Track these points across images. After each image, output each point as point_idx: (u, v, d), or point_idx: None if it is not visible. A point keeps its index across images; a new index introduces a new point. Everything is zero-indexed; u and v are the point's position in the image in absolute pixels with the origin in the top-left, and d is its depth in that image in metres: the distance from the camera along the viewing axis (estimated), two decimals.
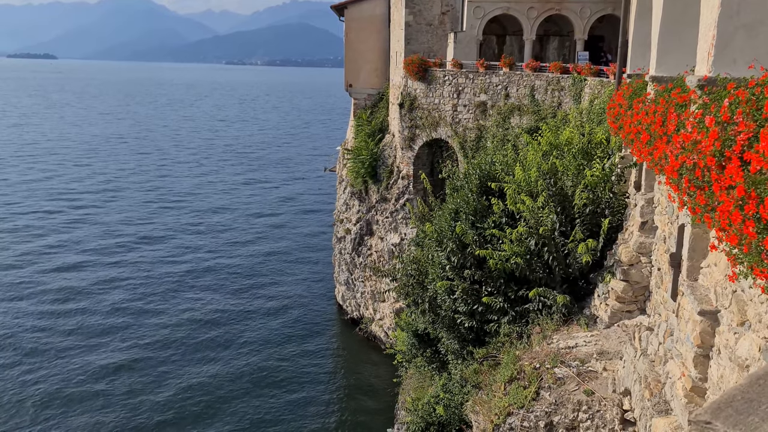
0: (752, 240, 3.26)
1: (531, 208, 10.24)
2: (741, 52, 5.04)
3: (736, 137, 3.57)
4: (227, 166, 76.23)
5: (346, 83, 38.96)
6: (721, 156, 3.71)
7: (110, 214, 52.36)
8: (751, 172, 3.21)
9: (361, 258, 33.15)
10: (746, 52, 5.00)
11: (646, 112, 6.65)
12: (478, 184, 11.74)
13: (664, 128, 5.60)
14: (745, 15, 4.98)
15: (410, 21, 32.51)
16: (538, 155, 11.25)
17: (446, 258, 11.53)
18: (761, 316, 3.95)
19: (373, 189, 33.20)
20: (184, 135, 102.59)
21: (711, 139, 3.80)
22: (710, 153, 3.80)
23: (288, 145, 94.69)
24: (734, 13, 4.99)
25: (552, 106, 24.01)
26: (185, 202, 57.23)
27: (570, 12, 30.75)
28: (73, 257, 41.64)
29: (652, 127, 6.05)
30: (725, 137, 3.70)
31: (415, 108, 30.39)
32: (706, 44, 5.32)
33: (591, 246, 9.67)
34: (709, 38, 5.25)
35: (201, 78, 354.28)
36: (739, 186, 3.29)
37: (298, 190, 63.24)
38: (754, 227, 3.21)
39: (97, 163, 74.63)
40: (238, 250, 44.44)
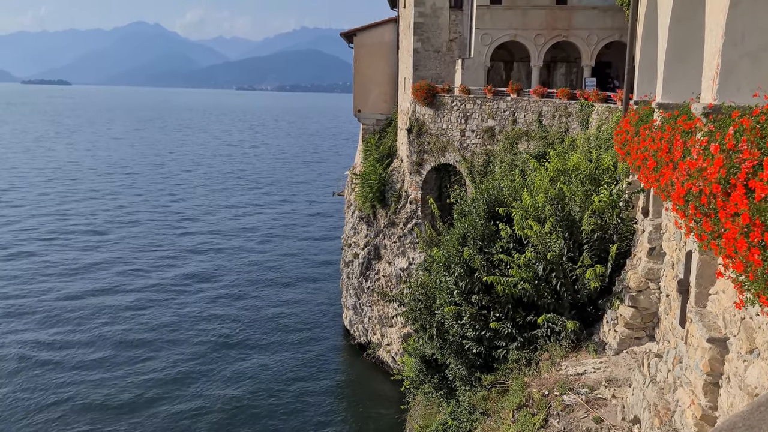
0: (758, 267, 3.26)
1: (538, 234, 10.24)
2: (746, 80, 5.07)
3: (740, 165, 3.59)
4: (236, 190, 76.63)
5: (354, 108, 39.29)
6: (727, 183, 3.72)
7: (121, 238, 52.59)
8: (756, 199, 3.22)
9: (368, 282, 33.10)
10: (751, 80, 5.04)
11: (653, 139, 6.68)
12: (485, 209, 11.76)
13: (670, 155, 5.62)
14: (750, 43, 5.02)
15: (418, 48, 32.86)
16: (545, 181, 11.28)
17: (454, 283, 11.51)
18: None
19: (381, 213, 33.26)
20: (193, 159, 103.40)
21: (716, 167, 3.82)
22: (715, 180, 3.81)
23: (297, 170, 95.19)
24: (738, 41, 5.04)
25: (559, 131, 24.08)
26: (194, 227, 57.46)
27: (577, 39, 31.02)
28: (82, 282, 41.76)
29: (659, 153, 6.07)
30: (730, 165, 3.72)
31: (423, 133, 30.56)
32: (711, 72, 5.36)
33: (599, 272, 9.64)
34: (713, 66, 5.29)
35: (211, 102, 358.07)
36: (744, 213, 3.30)
37: (307, 214, 63.40)
38: (760, 255, 3.21)
39: (109, 187, 75.20)
40: (245, 274, 44.46)
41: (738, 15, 4.93)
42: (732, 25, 4.98)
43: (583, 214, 10.34)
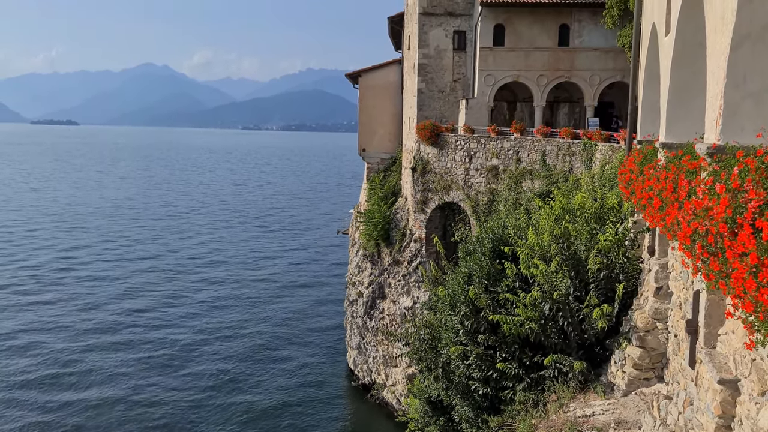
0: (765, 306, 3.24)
1: (544, 273, 10.20)
2: (749, 121, 5.12)
3: (747, 204, 3.60)
4: (240, 228, 76.77)
5: (359, 147, 39.63)
6: (733, 223, 3.73)
7: (126, 276, 52.54)
8: (764, 239, 3.23)
9: (373, 321, 32.84)
10: (754, 121, 5.09)
11: (657, 179, 6.71)
12: (491, 247, 11.75)
13: (675, 194, 5.64)
14: (752, 85, 5.09)
15: (422, 88, 33.30)
16: (550, 219, 11.29)
17: (459, 322, 11.42)
18: None
19: (386, 252, 33.21)
20: (199, 198, 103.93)
21: (722, 207, 3.83)
22: (722, 220, 3.82)
23: (301, 208, 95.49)
24: (741, 82, 5.10)
25: (563, 170, 24.19)
26: (198, 265, 57.40)
27: (579, 79, 31.43)
28: (86, 322, 41.55)
29: (664, 193, 6.09)
30: (736, 204, 3.73)
31: (428, 172, 30.73)
32: (714, 113, 5.42)
33: (606, 311, 9.57)
34: (716, 107, 5.35)
35: (217, 142, 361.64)
36: (752, 253, 3.30)
37: (311, 253, 63.32)
38: None
39: (114, 226, 75.45)
40: (248, 312, 44.21)
41: (739, 58, 5.01)
42: (733, 68, 5.06)
43: (589, 253, 10.32)
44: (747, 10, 4.80)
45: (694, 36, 7.21)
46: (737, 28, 4.89)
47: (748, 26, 4.88)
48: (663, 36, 8.92)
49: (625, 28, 26.30)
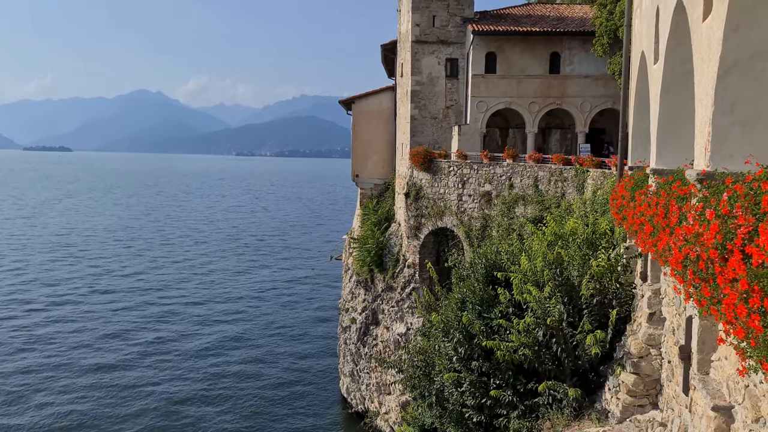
0: (759, 334, 3.24)
1: (537, 299, 10.18)
2: (738, 147, 5.18)
3: (736, 230, 3.62)
4: (233, 254, 76.47)
5: (353, 173, 39.75)
6: (724, 249, 3.75)
7: (115, 301, 52.09)
8: (753, 265, 3.24)
9: (366, 348, 32.61)
10: (743, 147, 5.14)
11: (648, 204, 6.75)
12: (484, 273, 11.74)
13: (666, 220, 5.67)
14: (740, 112, 5.15)
15: (415, 114, 33.56)
16: (543, 245, 11.31)
17: (453, 349, 11.35)
18: None
19: (379, 278, 33.12)
20: (191, 225, 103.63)
21: (712, 232, 3.85)
22: (712, 246, 3.84)
23: (294, 234, 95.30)
24: (728, 110, 5.17)
25: (555, 196, 24.29)
26: (190, 291, 57.03)
27: (571, 106, 31.75)
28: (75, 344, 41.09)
29: (655, 218, 6.13)
30: (726, 230, 3.75)
31: (421, 197, 30.81)
32: (703, 139, 5.48)
33: (600, 337, 9.53)
34: (705, 134, 5.41)
35: (211, 168, 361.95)
36: (742, 279, 3.31)
37: (304, 279, 63.05)
38: (760, 321, 3.20)
39: (105, 252, 75.01)
40: (239, 338, 43.83)
41: (727, 85, 5.09)
42: (721, 95, 5.13)
43: (582, 279, 10.31)
44: (733, 39, 4.89)
45: (683, 64, 7.32)
46: (724, 56, 4.97)
47: (735, 55, 4.96)
48: (652, 64, 9.04)
49: (615, 55, 26.66)
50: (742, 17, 4.78)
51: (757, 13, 4.74)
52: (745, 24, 4.80)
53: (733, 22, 4.82)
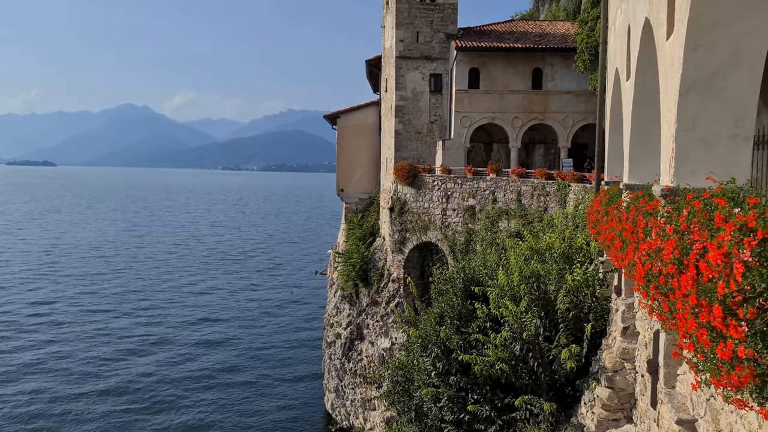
0: (707, 348, 3.29)
1: (514, 313, 10.23)
2: (700, 164, 5.28)
3: (692, 246, 3.69)
4: (216, 269, 75.99)
5: (338, 188, 39.80)
6: (680, 264, 3.81)
7: (98, 319, 51.53)
8: (703, 280, 3.30)
9: (351, 363, 32.47)
10: (705, 164, 5.24)
11: (619, 219, 6.83)
12: (462, 288, 11.78)
13: (634, 235, 5.75)
14: (702, 130, 5.26)
15: (400, 129, 33.72)
16: (520, 259, 11.38)
17: (431, 364, 11.35)
18: (732, 426, 3.90)
19: (364, 292, 33.07)
20: (177, 240, 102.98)
21: (670, 247, 3.92)
22: (670, 261, 3.90)
23: (280, 249, 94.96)
24: (690, 128, 5.27)
25: (538, 210, 24.47)
26: (175, 307, 56.55)
27: (553, 122, 32.05)
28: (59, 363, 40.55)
29: (624, 233, 6.20)
30: (683, 246, 3.82)
31: (405, 212, 30.88)
32: (667, 156, 5.58)
33: (575, 351, 9.58)
34: (669, 150, 5.51)
35: (197, 182, 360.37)
36: (692, 294, 3.37)
37: (288, 294, 62.76)
38: (707, 335, 3.26)
39: (88, 268, 74.28)
40: (224, 353, 43.48)
41: (688, 104, 5.19)
42: (683, 113, 5.23)
43: (558, 293, 10.38)
44: (693, 59, 5.00)
45: (652, 81, 7.44)
46: (685, 75, 5.08)
47: (696, 74, 5.07)
48: (625, 81, 9.19)
49: (596, 72, 27.00)
50: (701, 37, 4.89)
51: (714, 33, 4.85)
52: (703, 44, 4.91)
53: (692, 42, 4.93)
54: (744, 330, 2.93)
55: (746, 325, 2.92)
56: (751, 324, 2.92)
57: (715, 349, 3.15)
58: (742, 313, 2.93)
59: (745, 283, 2.95)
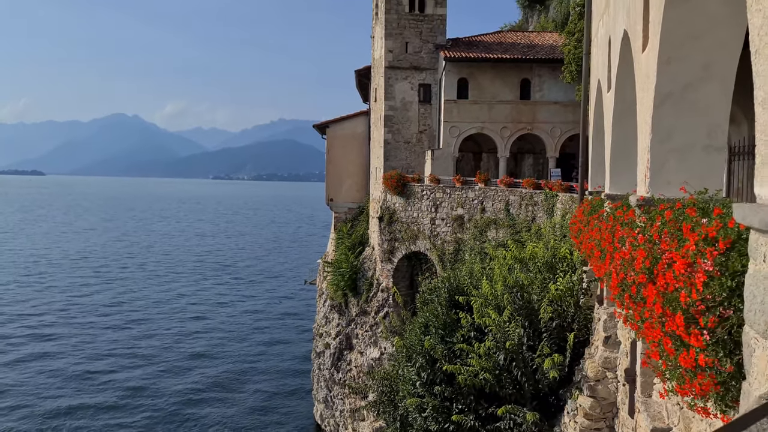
0: (672, 356, 3.34)
1: (497, 322, 10.26)
2: (675, 175, 5.35)
3: (661, 256, 3.74)
4: (207, 279, 75.67)
5: (327, 197, 39.81)
6: (651, 273, 3.86)
7: (88, 331, 51.12)
8: (670, 290, 3.35)
9: (340, 374, 32.36)
10: (679, 175, 5.31)
11: (599, 229, 6.89)
12: (447, 297, 11.80)
13: (611, 245, 5.80)
14: (676, 140, 5.33)
15: (389, 139, 33.82)
16: (504, 269, 11.43)
17: (416, 374, 11.35)
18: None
19: (353, 302, 33.03)
20: (166, 249, 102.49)
21: (641, 257, 3.97)
22: (641, 270, 3.95)
23: (270, 258, 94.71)
24: (665, 138, 5.35)
25: (526, 220, 24.56)
26: (164, 317, 56.20)
27: (541, 132, 32.25)
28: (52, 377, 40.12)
29: (602, 243, 6.26)
30: (653, 256, 3.87)
31: (395, 221, 30.92)
32: (643, 166, 5.65)
33: (557, 361, 9.62)
34: (644, 161, 5.58)
35: (187, 192, 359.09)
36: (657, 303, 3.42)
37: (278, 304, 62.55)
38: (671, 344, 3.30)
39: (74, 278, 73.73)
40: (212, 361, 43.21)
41: (663, 115, 5.27)
42: (658, 124, 5.31)
43: (542, 303, 10.42)
44: (666, 71, 5.08)
45: (631, 93, 7.54)
46: (659, 86, 5.16)
47: (670, 85, 5.15)
48: (606, 92, 9.30)
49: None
50: (674, 51, 4.98)
51: (686, 47, 4.94)
52: (676, 57, 4.99)
53: (665, 54, 5.01)
54: (706, 338, 2.98)
55: (707, 333, 2.97)
56: (712, 332, 2.97)
57: (678, 357, 3.19)
58: (703, 322, 2.98)
59: (706, 293, 3.00)
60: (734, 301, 2.92)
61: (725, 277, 2.94)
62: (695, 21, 4.77)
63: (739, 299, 2.87)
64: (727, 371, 2.91)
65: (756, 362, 2.61)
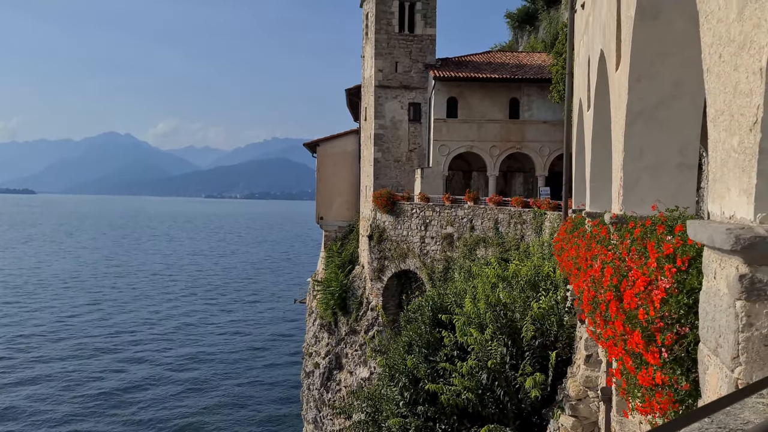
0: (632, 374, 3.31)
1: (479, 341, 10.20)
2: (647, 192, 5.36)
3: (628, 273, 3.73)
4: (198, 299, 75.16)
5: (317, 215, 39.75)
6: (617, 291, 3.84)
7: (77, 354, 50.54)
8: (632, 307, 3.33)
9: (330, 394, 32.08)
10: (652, 192, 5.33)
11: (578, 246, 6.89)
12: (430, 316, 11.74)
13: (587, 263, 5.79)
14: (648, 158, 5.35)
15: (379, 157, 33.89)
16: (487, 287, 11.39)
17: (399, 393, 11.25)
18: None
19: (343, 321, 32.86)
20: (157, 269, 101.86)
21: (607, 275, 3.96)
22: (608, 288, 3.94)
23: (261, 277, 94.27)
24: (637, 156, 5.37)
25: (515, 238, 24.60)
26: (152, 336, 55.68)
27: (530, 150, 32.41)
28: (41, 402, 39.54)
29: (578, 260, 6.26)
30: (620, 273, 3.86)
31: (384, 240, 30.88)
32: (617, 184, 5.66)
33: (539, 380, 9.55)
34: (618, 179, 5.60)
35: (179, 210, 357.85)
36: (618, 320, 3.40)
37: (267, 323, 62.16)
38: (632, 362, 3.28)
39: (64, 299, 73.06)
40: (202, 383, 42.76)
41: (635, 133, 5.29)
42: (630, 142, 5.33)
43: (524, 321, 10.38)
44: (637, 89, 5.12)
45: (609, 111, 7.59)
46: (630, 105, 5.19)
47: (641, 103, 5.18)
48: (586, 111, 9.36)
49: None
50: (644, 69, 5.01)
51: (656, 65, 4.97)
52: (645, 75, 5.03)
53: (636, 73, 5.05)
54: (664, 356, 2.95)
55: (666, 351, 2.95)
56: (670, 350, 2.95)
57: (637, 375, 3.17)
58: (660, 339, 2.96)
59: (664, 310, 2.98)
60: (691, 319, 2.90)
61: (682, 295, 2.93)
62: (664, 39, 4.81)
63: (696, 317, 2.86)
64: (683, 389, 2.89)
65: (709, 379, 2.59)
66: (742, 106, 2.24)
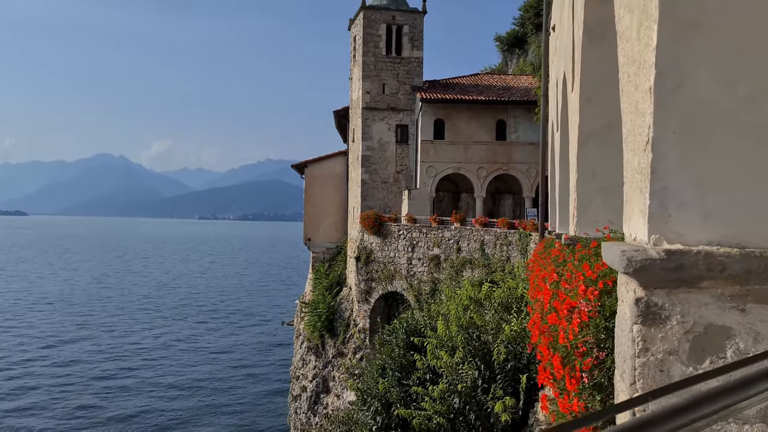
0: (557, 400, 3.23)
1: (448, 364, 10.07)
2: (601, 213, 5.32)
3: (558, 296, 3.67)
4: (188, 320, 74.51)
5: (305, 237, 39.66)
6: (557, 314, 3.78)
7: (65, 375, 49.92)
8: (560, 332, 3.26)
9: (317, 418, 31.69)
10: (605, 213, 5.29)
11: (540, 268, 6.83)
12: (404, 338, 11.61)
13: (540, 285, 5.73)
14: (601, 179, 5.33)
15: (366, 179, 33.93)
16: (459, 309, 11.30)
17: (372, 418, 11.08)
18: None
19: (330, 343, 32.60)
20: (146, 291, 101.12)
21: (546, 297, 3.90)
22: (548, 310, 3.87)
23: (252, 299, 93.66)
24: (590, 177, 5.34)
25: (501, 259, 24.57)
26: (142, 358, 55.06)
27: (517, 172, 32.53)
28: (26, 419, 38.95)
29: (537, 281, 6.19)
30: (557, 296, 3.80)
31: (371, 261, 30.77)
32: (572, 206, 5.63)
33: (509, 404, 9.41)
34: (573, 200, 5.56)
35: (172, 232, 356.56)
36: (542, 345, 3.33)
37: (254, 346, 61.55)
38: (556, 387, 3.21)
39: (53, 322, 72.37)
40: (190, 405, 42.18)
41: (587, 153, 5.27)
42: (582, 163, 5.31)
43: (496, 344, 10.26)
44: (588, 111, 5.10)
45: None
46: (582, 125, 5.18)
47: (592, 124, 5.17)
48: (555, 132, 9.38)
49: None
50: (594, 90, 5.01)
51: (607, 86, 4.96)
52: (596, 96, 5.02)
53: (586, 94, 5.04)
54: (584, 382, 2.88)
55: (586, 377, 2.88)
56: (590, 376, 2.88)
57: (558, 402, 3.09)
58: (578, 365, 2.89)
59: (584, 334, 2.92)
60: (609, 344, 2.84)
61: (600, 318, 2.87)
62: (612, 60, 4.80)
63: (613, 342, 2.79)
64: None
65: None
66: (639, 125, 2.20)
